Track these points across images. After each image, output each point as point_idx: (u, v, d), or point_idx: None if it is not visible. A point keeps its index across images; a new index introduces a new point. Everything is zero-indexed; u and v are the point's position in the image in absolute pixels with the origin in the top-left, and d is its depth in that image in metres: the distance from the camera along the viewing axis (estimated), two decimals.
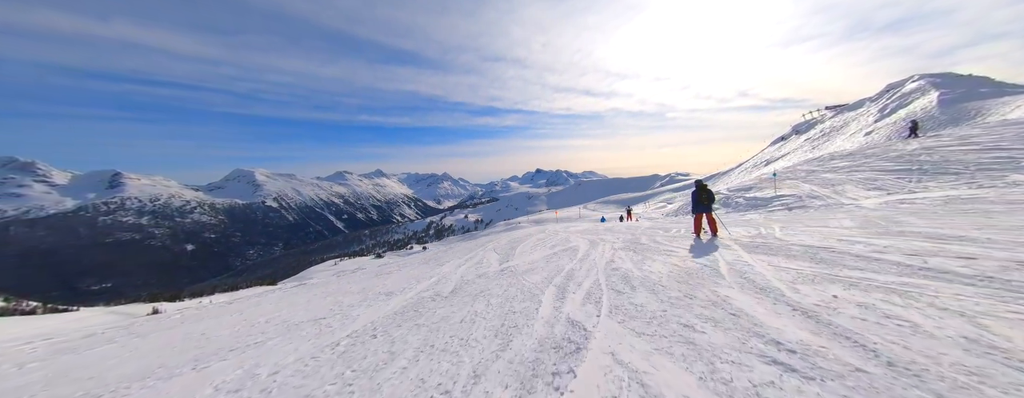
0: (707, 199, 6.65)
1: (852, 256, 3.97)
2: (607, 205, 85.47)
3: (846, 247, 4.38)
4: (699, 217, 6.72)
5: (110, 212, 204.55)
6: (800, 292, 3.02)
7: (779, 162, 36.00)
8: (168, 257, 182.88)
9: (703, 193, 6.71)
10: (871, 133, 23.52)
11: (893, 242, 4.36)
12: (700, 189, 6.81)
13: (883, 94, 30.51)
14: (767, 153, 45.54)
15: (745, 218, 10.08)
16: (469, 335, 2.97)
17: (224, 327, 5.16)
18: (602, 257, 5.85)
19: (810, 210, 10.01)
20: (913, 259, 3.53)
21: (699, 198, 6.73)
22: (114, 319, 23.69)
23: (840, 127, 32.61)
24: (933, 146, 12.91)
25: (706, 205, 6.63)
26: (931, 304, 2.46)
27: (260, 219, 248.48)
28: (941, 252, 3.64)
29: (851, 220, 6.50)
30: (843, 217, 7.06)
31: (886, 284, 2.97)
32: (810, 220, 7.44)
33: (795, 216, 8.95)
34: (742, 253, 4.79)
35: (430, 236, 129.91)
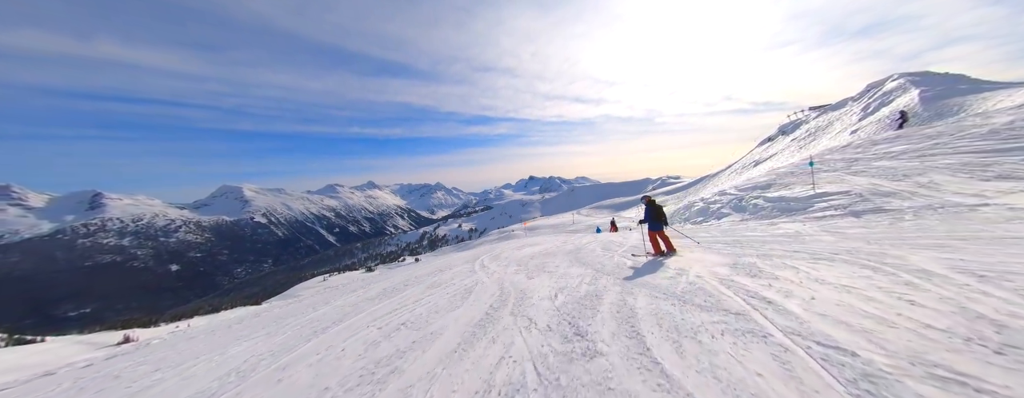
0: (659, 216, 6.57)
1: None
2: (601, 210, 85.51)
3: None
4: (654, 235, 6.56)
5: (90, 234, 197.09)
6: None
7: (768, 163, 36.35)
8: (151, 279, 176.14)
9: (655, 210, 6.62)
10: (857, 131, 23.79)
11: None
12: (652, 206, 6.67)
13: (864, 93, 31.23)
14: (755, 154, 46.16)
15: (783, 230, 7.24)
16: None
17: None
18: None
19: (915, 216, 6.46)
20: None
21: (654, 215, 6.57)
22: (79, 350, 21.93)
23: (825, 126, 33.13)
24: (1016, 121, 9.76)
25: (659, 223, 6.53)
26: None
27: (248, 236, 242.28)
28: None
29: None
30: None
31: None
32: (969, 243, 4.30)
33: (895, 229, 5.73)
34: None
35: (424, 247, 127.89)
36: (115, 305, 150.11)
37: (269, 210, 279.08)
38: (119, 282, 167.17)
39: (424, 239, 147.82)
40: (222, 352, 5.19)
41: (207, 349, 5.75)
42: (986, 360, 2.12)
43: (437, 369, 3.05)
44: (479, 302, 4.89)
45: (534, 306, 4.32)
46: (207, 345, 6.20)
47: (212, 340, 6.77)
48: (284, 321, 6.78)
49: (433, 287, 6.88)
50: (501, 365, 2.95)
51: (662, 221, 6.47)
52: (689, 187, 69.44)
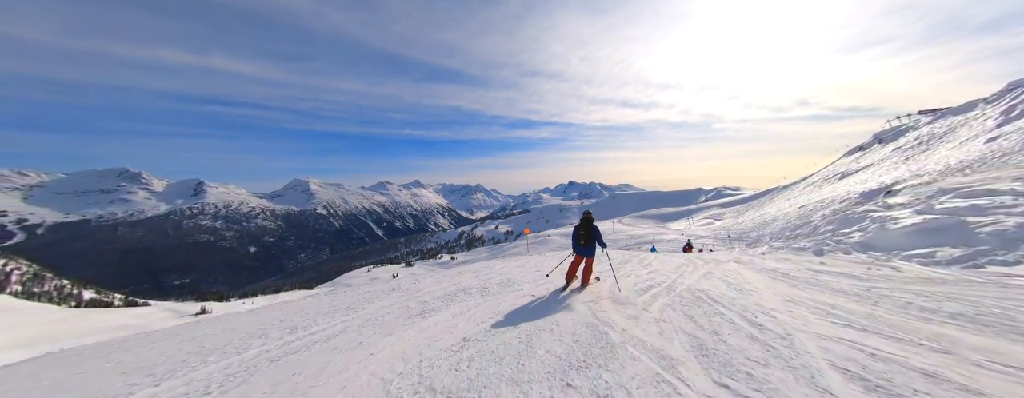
0: (587, 238, 5.12)
1: None
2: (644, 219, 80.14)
3: None
4: (578, 260, 5.26)
5: (192, 216, 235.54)
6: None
7: (858, 175, 30.67)
8: (235, 257, 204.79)
9: (586, 228, 5.16)
10: (996, 139, 18.75)
11: None
12: (584, 224, 5.24)
13: (1004, 94, 24.72)
14: (840, 165, 39.52)
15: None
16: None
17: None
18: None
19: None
20: None
21: (577, 233, 5.19)
22: (166, 316, 25.34)
23: (943, 134, 26.95)
24: None
25: (586, 246, 5.13)
26: None
27: (311, 225, 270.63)
28: None
29: None
30: None
31: None
32: None
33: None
34: None
35: (461, 246, 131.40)
36: (207, 278, 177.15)
37: (329, 203, 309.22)
38: (211, 258, 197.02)
39: (462, 238, 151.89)
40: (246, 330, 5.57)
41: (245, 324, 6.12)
42: None
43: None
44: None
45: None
46: (246, 321, 6.68)
47: (253, 317, 7.12)
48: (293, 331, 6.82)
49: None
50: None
51: (585, 244, 5.16)
52: (752, 200, 61.94)
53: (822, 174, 40.88)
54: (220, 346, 4.06)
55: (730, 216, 54.88)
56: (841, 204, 26.37)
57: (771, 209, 38.46)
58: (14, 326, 17.88)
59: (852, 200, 26.44)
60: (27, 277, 38.94)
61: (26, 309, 22.55)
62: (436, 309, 4.71)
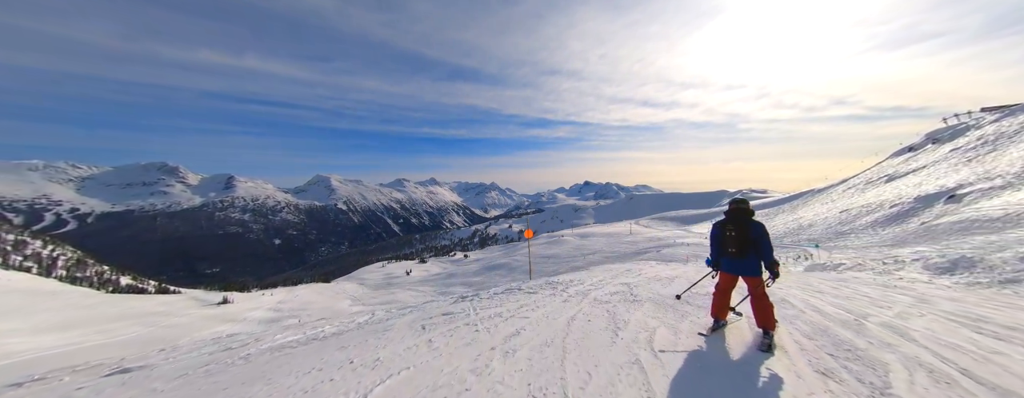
0: (742, 240, 2.96)
1: None
2: (664, 222, 77.33)
3: None
4: (729, 282, 3.14)
5: (223, 208, 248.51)
6: None
7: (909, 178, 27.95)
8: (260, 249, 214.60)
9: (737, 227, 3.01)
10: None
11: None
12: (735, 217, 3.09)
13: None
14: (887, 167, 36.33)
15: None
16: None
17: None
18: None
19: None
20: None
21: (723, 235, 3.09)
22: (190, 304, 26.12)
23: (1014, 133, 24.02)
24: None
25: (741, 256, 2.97)
26: None
27: (332, 220, 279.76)
28: None
29: None
30: None
31: None
32: None
33: None
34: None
35: (474, 244, 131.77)
36: (236, 267, 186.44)
37: (349, 199, 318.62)
38: (239, 249, 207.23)
39: (475, 236, 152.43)
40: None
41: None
42: None
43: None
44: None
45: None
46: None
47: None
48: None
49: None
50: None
51: (739, 253, 3.00)
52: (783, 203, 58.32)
53: (865, 176, 37.73)
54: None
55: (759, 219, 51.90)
56: (891, 209, 23.98)
57: (806, 213, 35.80)
58: (52, 309, 18.80)
59: (905, 205, 24.00)
60: (71, 263, 41.73)
61: (68, 293, 23.88)
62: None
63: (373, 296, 37.93)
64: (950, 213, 15.44)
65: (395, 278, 51.96)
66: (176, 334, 17.76)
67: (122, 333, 17.73)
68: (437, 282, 47.03)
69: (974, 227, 12.19)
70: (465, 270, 52.25)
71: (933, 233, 15.99)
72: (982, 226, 11.93)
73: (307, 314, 29.16)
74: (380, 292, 40.51)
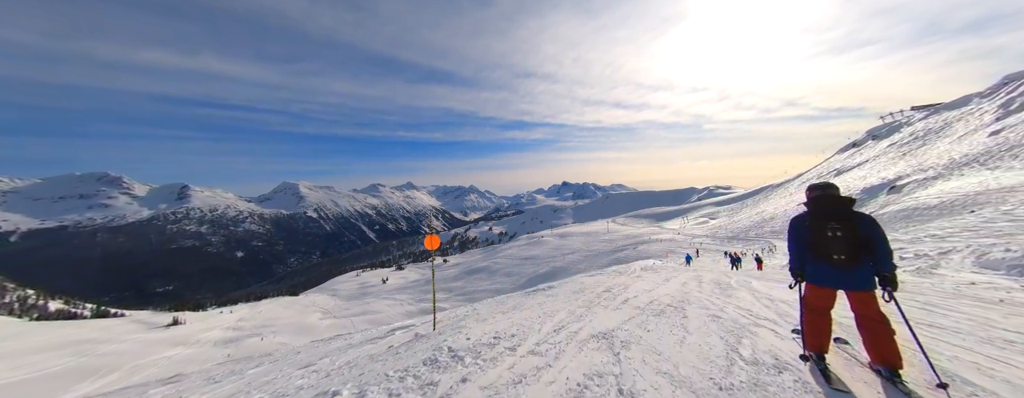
0: (853, 242, 1.99)
1: None
2: (638, 219, 79.92)
3: None
4: (828, 299, 2.14)
5: (176, 221, 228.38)
6: None
7: (855, 171, 30.51)
8: (221, 263, 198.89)
9: (843, 224, 2.02)
10: (1000, 132, 18.44)
11: None
12: (838, 209, 2.10)
13: (999, 88, 24.76)
14: (835, 162, 39.55)
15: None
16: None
17: None
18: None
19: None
20: None
21: (816, 233, 2.12)
22: (132, 329, 23.43)
23: (940, 129, 26.89)
24: None
25: (850, 264, 1.99)
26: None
27: (301, 229, 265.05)
28: None
29: None
30: None
31: None
32: None
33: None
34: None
35: (454, 248, 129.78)
36: (192, 284, 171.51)
37: (320, 206, 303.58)
38: (196, 264, 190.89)
39: (455, 240, 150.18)
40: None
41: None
42: None
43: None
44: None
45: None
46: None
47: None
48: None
49: None
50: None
51: (849, 261, 2.01)
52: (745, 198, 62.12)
53: (817, 171, 40.85)
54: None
55: (725, 214, 54.75)
56: None
57: (767, 206, 38.19)
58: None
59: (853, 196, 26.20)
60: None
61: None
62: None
63: (346, 308, 36.01)
64: (893, 202, 16.95)
65: (370, 287, 49.80)
66: (114, 363, 15.75)
67: (49, 365, 15.47)
68: (415, 289, 45.58)
69: (915, 215, 13.37)
70: (444, 275, 51.06)
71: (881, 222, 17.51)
72: (921, 214, 13.12)
73: (272, 331, 27.11)
74: (354, 303, 38.57)
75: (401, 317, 31.49)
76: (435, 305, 4.69)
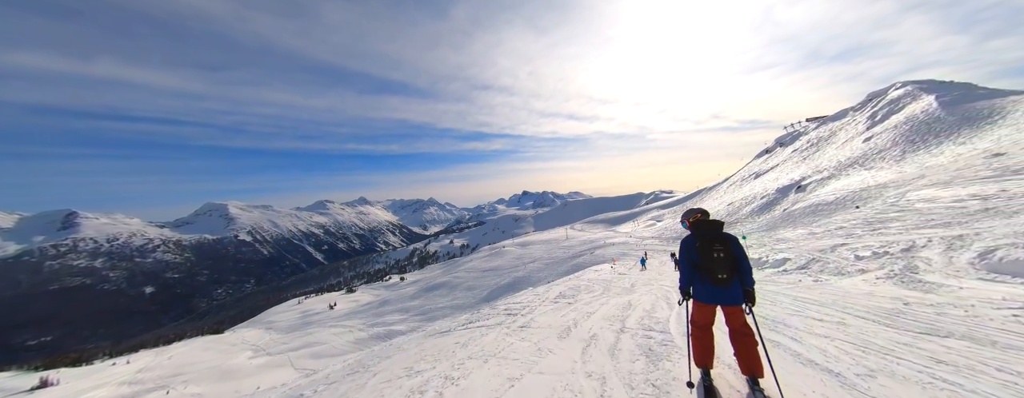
0: (731, 265, 2.26)
1: None
2: (595, 224, 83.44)
3: None
4: (711, 315, 2.35)
5: (59, 256, 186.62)
6: None
7: (770, 174, 34.92)
8: (122, 302, 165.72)
9: (714, 243, 2.29)
10: (871, 139, 22.34)
11: None
12: (718, 232, 2.36)
13: (866, 103, 30.48)
14: (753, 167, 45.08)
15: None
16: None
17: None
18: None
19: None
20: None
21: (703, 254, 2.30)
22: None
23: (828, 137, 32.08)
24: None
25: (724, 283, 2.23)
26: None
27: (231, 255, 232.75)
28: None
29: None
30: None
31: None
32: None
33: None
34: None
35: (414, 264, 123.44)
36: (80, 331, 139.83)
37: (255, 228, 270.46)
38: (87, 306, 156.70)
39: (414, 256, 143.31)
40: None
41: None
42: None
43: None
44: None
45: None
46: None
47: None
48: None
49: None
50: None
51: (724, 279, 2.24)
52: (685, 200, 67.99)
53: (740, 175, 46.06)
54: None
55: (669, 217, 59.40)
56: (762, 200, 29.53)
57: (704, 207, 42.12)
58: None
59: (770, 196, 29.80)
60: None
61: None
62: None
63: (283, 342, 31.56)
64: (801, 200, 19.57)
65: (315, 315, 44.65)
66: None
67: None
68: (367, 313, 41.86)
69: (818, 210, 15.44)
70: (401, 294, 47.78)
71: (792, 217, 19.90)
72: (823, 209, 15.21)
73: (184, 381, 22.55)
74: (293, 336, 34.01)
75: (349, 346, 28.47)
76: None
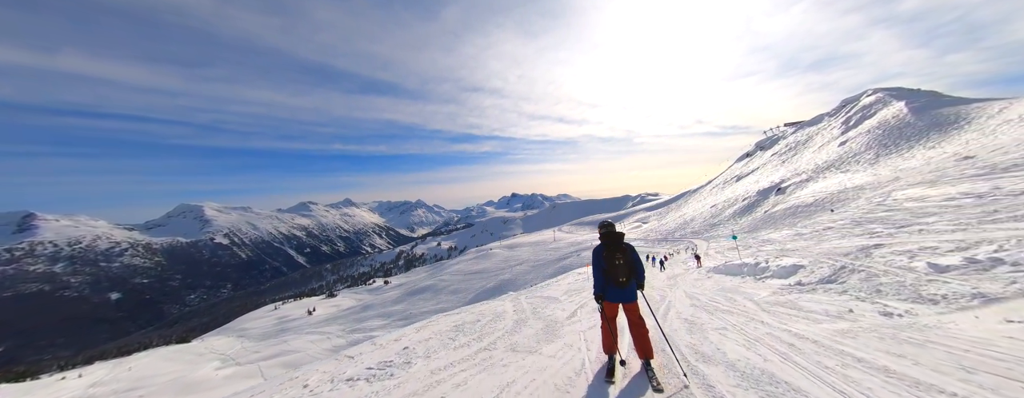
0: (626, 267, 2.78)
1: None
2: (582, 226, 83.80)
3: None
4: (615, 311, 2.88)
5: (13, 260, 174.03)
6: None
7: (751, 177, 35.62)
8: (85, 309, 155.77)
9: (615, 252, 2.82)
10: (846, 143, 22.92)
11: None
12: (619, 243, 2.90)
13: (840, 109, 31.61)
14: (735, 170, 46.01)
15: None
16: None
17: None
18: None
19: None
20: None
21: (608, 262, 2.81)
22: None
23: (805, 141, 32.93)
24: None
25: (623, 285, 2.75)
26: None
27: (206, 258, 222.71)
28: None
29: None
30: None
31: None
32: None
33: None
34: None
35: (400, 267, 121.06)
36: (37, 341, 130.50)
37: (233, 230, 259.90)
38: (45, 315, 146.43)
39: (400, 259, 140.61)
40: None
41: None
42: None
43: None
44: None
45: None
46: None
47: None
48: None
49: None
50: None
51: (623, 280, 2.75)
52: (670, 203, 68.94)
53: (723, 178, 46.94)
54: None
55: (655, 218, 60.09)
56: (743, 202, 30.03)
57: (688, 210, 42.62)
58: None
59: (751, 198, 30.35)
60: None
61: None
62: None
63: (255, 351, 29.86)
64: (781, 202, 19.88)
65: (292, 321, 42.72)
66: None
67: None
68: (347, 319, 40.35)
69: (798, 212, 15.57)
70: (384, 299, 46.37)
71: (772, 219, 20.13)
72: (803, 210, 15.36)
73: (140, 395, 20.86)
74: (267, 344, 32.27)
75: (326, 354, 27.07)
76: None
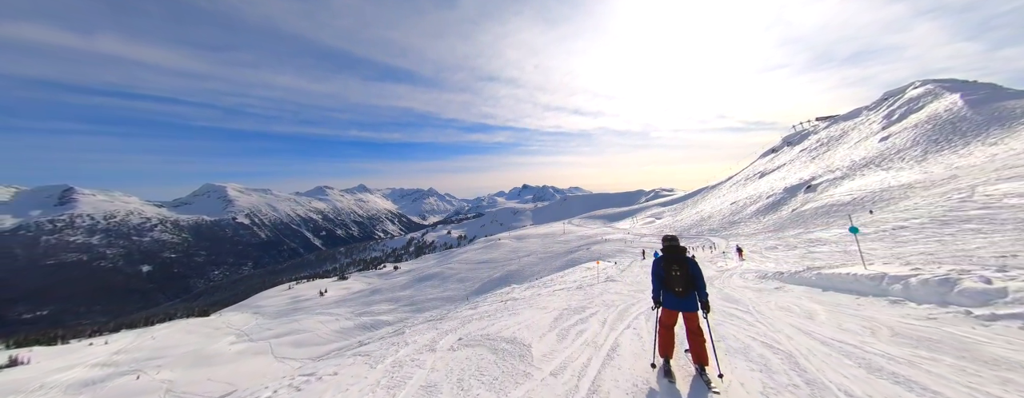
0: (686, 279, 2.98)
1: None
2: (593, 220, 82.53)
3: None
4: (673, 317, 3.08)
5: (56, 231, 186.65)
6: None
7: (776, 173, 33.72)
8: (119, 280, 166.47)
9: (673, 264, 3.04)
10: (888, 138, 21.09)
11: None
12: (678, 256, 3.11)
13: (882, 102, 29.20)
14: (758, 166, 43.76)
15: None
16: None
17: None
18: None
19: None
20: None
21: (666, 272, 3.07)
22: None
23: (839, 136, 30.72)
24: None
25: (684, 295, 2.98)
26: None
27: (229, 237, 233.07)
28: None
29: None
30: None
31: None
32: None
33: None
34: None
35: (410, 253, 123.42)
36: (76, 307, 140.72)
37: (253, 211, 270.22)
38: (83, 283, 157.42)
39: (411, 245, 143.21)
40: None
41: None
42: None
43: None
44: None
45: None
46: None
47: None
48: None
49: None
50: None
51: (683, 290, 2.96)
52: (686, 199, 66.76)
53: (744, 174, 44.81)
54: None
55: (669, 214, 58.38)
56: (768, 199, 28.45)
57: (705, 206, 40.99)
58: None
59: (777, 195, 28.71)
60: None
61: None
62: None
63: (268, 328, 30.91)
64: (811, 200, 18.53)
65: (304, 301, 44.07)
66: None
67: None
68: (356, 302, 41.23)
69: (832, 211, 14.41)
70: (392, 284, 47.14)
71: (802, 218, 18.84)
72: (838, 210, 14.19)
73: (157, 365, 21.87)
74: (279, 321, 33.38)
75: (334, 335, 27.69)
76: None
